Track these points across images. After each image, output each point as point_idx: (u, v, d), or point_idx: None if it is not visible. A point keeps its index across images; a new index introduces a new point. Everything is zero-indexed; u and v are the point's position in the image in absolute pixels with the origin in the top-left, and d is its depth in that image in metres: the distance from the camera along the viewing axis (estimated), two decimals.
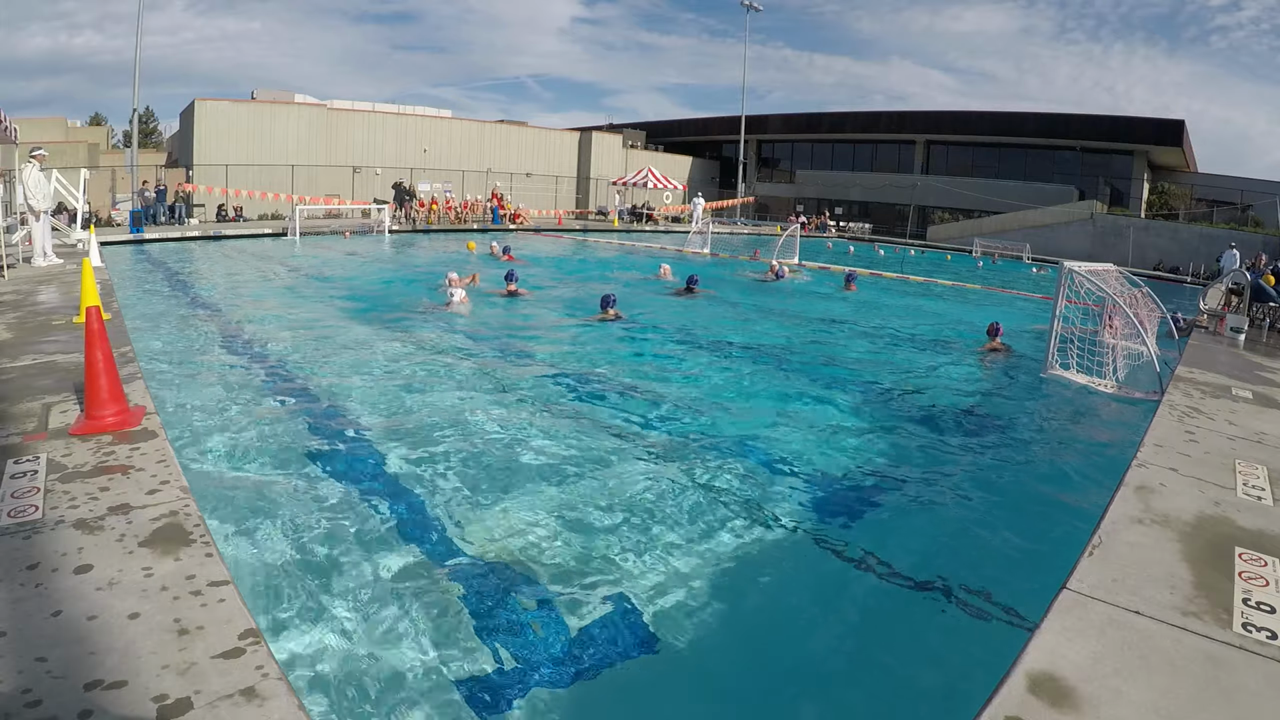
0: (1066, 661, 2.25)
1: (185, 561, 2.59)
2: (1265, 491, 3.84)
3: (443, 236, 24.82)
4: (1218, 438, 4.78)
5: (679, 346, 9.26)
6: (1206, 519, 3.42)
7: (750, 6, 37.54)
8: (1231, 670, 2.26)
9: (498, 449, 5.23)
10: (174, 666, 2.04)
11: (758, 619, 3.45)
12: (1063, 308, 7.89)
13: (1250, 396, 6.15)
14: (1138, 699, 2.10)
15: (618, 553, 3.83)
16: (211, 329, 9.05)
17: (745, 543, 4.03)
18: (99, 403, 3.92)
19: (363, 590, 3.36)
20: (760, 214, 43.24)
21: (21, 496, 3.05)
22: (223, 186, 25.04)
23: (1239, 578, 2.87)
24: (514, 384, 7.02)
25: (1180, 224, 31.79)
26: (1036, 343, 9.61)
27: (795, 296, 14.65)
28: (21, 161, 12.70)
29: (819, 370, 8.36)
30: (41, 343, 5.93)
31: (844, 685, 3.05)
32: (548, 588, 3.49)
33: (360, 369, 7.30)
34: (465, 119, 36.24)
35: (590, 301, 11.10)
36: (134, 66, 22.16)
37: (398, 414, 5.93)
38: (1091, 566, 2.88)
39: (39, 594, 2.36)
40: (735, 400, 6.97)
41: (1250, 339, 9.68)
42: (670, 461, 5.17)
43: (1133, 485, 3.78)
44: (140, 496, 3.10)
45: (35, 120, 27.76)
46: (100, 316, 4.12)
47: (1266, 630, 2.50)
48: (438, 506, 4.29)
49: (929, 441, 6.04)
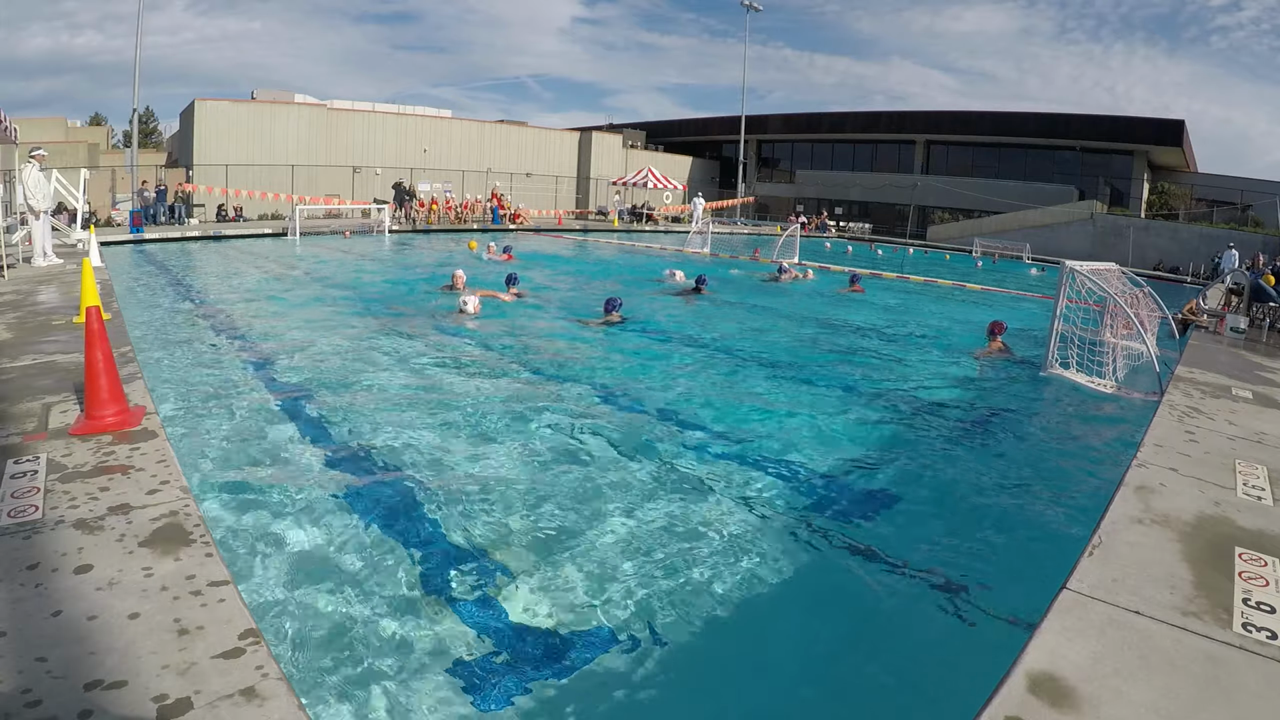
0: (1066, 661, 2.25)
1: (185, 561, 2.59)
2: (1265, 491, 3.84)
3: (443, 236, 24.82)
4: (1218, 438, 4.78)
5: (686, 349, 9.21)
6: (1206, 519, 3.42)
7: (750, 6, 37.55)
8: (1231, 670, 2.26)
9: (497, 449, 5.22)
10: (174, 666, 2.04)
11: (757, 618, 3.45)
12: (1063, 307, 7.89)
13: (1250, 396, 6.15)
14: (1138, 699, 2.10)
15: (619, 553, 3.83)
16: (211, 329, 9.05)
17: (744, 542, 4.03)
18: (99, 403, 3.92)
19: (363, 590, 3.36)
20: (760, 214, 43.24)
21: (21, 496, 3.05)
22: (223, 186, 25.04)
23: (1239, 578, 2.87)
24: (514, 384, 7.02)
25: (1180, 224, 31.79)
26: (1036, 343, 9.61)
27: (801, 297, 14.60)
28: (21, 162, 12.73)
29: (819, 370, 8.36)
30: (41, 343, 5.93)
31: (843, 685, 3.05)
32: (548, 588, 3.49)
33: (360, 369, 7.30)
34: (465, 119, 36.27)
35: (593, 303, 11.08)
36: (134, 66, 22.20)
37: (398, 414, 5.93)
38: (1091, 566, 2.88)
39: (39, 594, 2.36)
40: (734, 401, 6.97)
41: (1250, 339, 9.68)
42: (670, 461, 5.17)
43: (1133, 485, 3.78)
44: (140, 496, 3.10)
45: (35, 120, 27.77)
46: (100, 316, 4.12)
47: (1266, 630, 2.50)
48: (438, 505, 4.29)
49: (929, 440, 6.04)
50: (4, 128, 11.74)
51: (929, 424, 6.49)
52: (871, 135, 42.74)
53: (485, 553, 3.79)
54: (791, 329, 11.03)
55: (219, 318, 9.80)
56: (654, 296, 13.20)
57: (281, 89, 32.93)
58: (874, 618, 3.49)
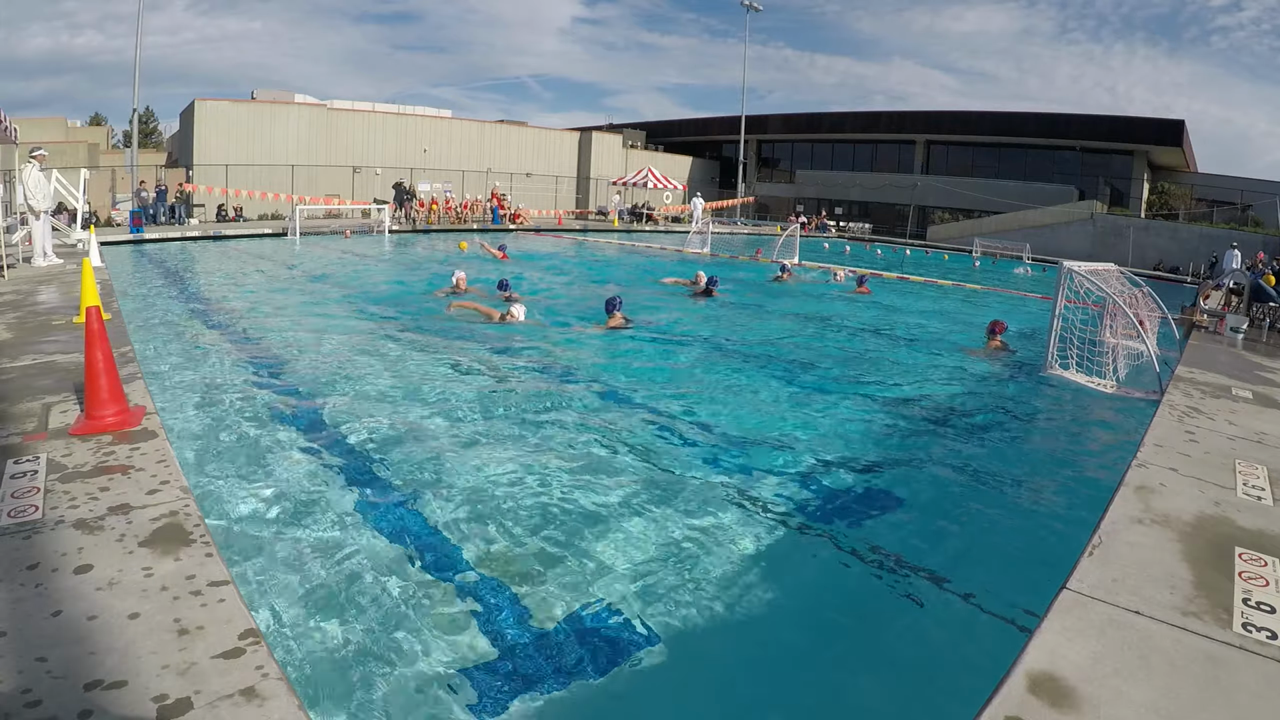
0: (1066, 661, 2.25)
1: (185, 561, 2.59)
2: (1265, 491, 3.84)
3: (443, 237, 24.83)
4: (1218, 438, 4.78)
5: (699, 351, 9.14)
6: (1206, 519, 3.42)
7: (750, 6, 37.54)
8: (1232, 670, 2.26)
9: (499, 450, 5.22)
10: (174, 666, 2.04)
11: (756, 617, 3.44)
12: (1062, 307, 7.89)
13: (1250, 396, 6.15)
14: (1138, 699, 2.10)
15: (620, 555, 3.83)
16: (211, 329, 9.05)
17: (743, 540, 4.03)
18: (99, 403, 3.92)
19: (363, 589, 3.36)
20: (760, 214, 43.23)
21: (21, 496, 3.05)
22: (223, 186, 25.04)
23: (1239, 578, 2.87)
24: (514, 383, 7.02)
25: (1180, 224, 31.79)
26: (1035, 343, 9.61)
27: (808, 299, 14.53)
28: (21, 162, 12.77)
29: (820, 370, 8.35)
30: (41, 343, 5.93)
31: (843, 685, 3.05)
32: (550, 589, 3.49)
33: (361, 369, 7.29)
34: (465, 119, 36.26)
35: (595, 304, 11.05)
36: (134, 66, 22.20)
37: (398, 414, 5.93)
38: (1091, 566, 2.88)
39: (39, 594, 2.36)
40: (734, 401, 6.97)
41: (1250, 339, 9.68)
42: (671, 461, 5.17)
43: (1133, 485, 3.78)
44: (140, 496, 3.10)
45: (35, 120, 27.78)
46: (100, 316, 4.12)
47: (1266, 630, 2.50)
48: (440, 506, 4.29)
49: (928, 440, 6.04)
50: (4, 128, 11.75)
51: (929, 424, 6.49)
52: (871, 135, 42.73)
53: (487, 554, 3.79)
54: (793, 329, 11.03)
55: (219, 318, 9.80)
56: (662, 298, 13.17)
57: (282, 89, 32.97)
58: (873, 617, 3.49)
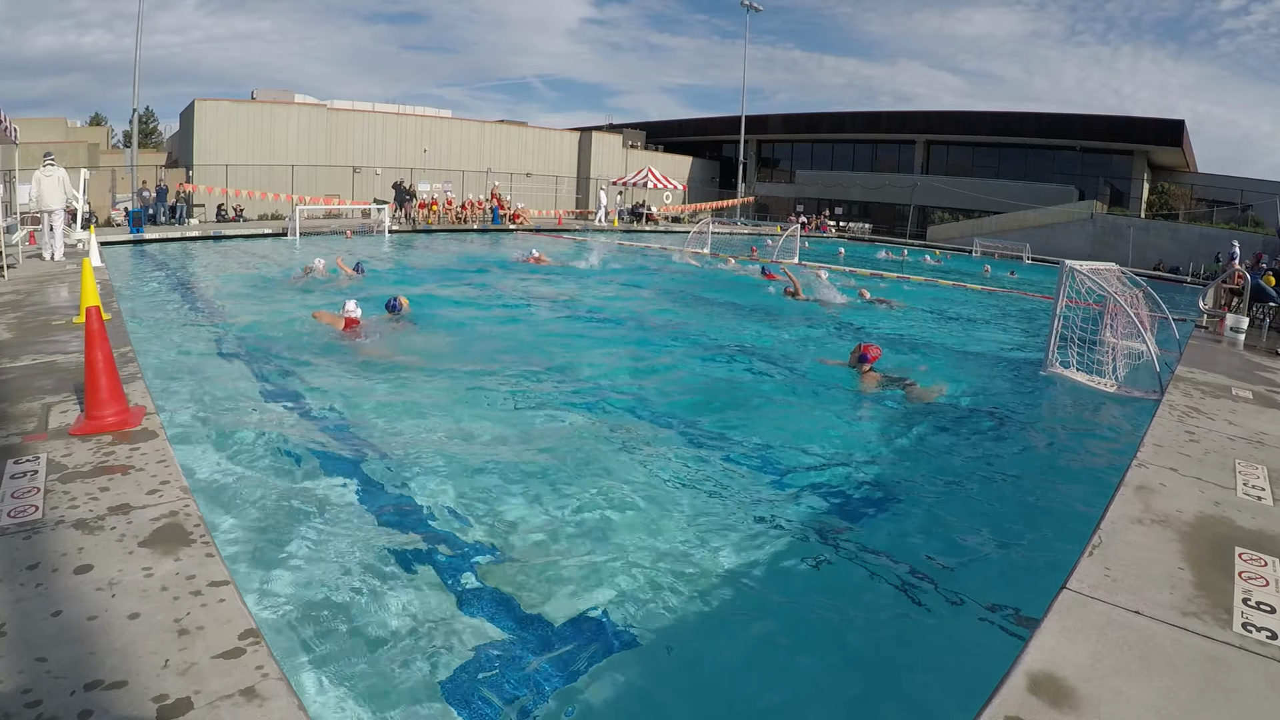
0: (1066, 661, 2.25)
1: (185, 561, 2.59)
2: (1265, 491, 3.84)
3: (443, 237, 24.82)
4: (1218, 438, 4.78)
5: (699, 351, 9.21)
6: (1206, 519, 3.42)
7: (750, 6, 37.52)
8: (1232, 670, 2.26)
9: (500, 451, 5.22)
10: (174, 666, 2.04)
11: (755, 618, 3.44)
12: (1062, 306, 7.88)
13: (1250, 396, 6.15)
14: (1138, 699, 2.10)
15: (620, 555, 3.83)
16: (211, 329, 9.04)
17: (743, 542, 4.03)
18: (99, 403, 3.92)
19: (363, 589, 3.36)
20: (760, 214, 43.21)
21: (21, 496, 3.05)
22: (223, 186, 25.01)
23: (1239, 578, 2.87)
24: (506, 382, 7.02)
25: (1180, 224, 31.80)
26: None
27: (808, 301, 14.48)
28: (24, 164, 13.09)
29: (820, 370, 8.35)
30: (41, 343, 5.92)
31: (842, 685, 3.05)
32: (550, 589, 3.49)
33: (360, 369, 7.29)
34: (465, 119, 36.23)
35: (597, 308, 11.05)
36: (134, 66, 22.20)
37: (399, 414, 5.93)
38: (1091, 566, 2.87)
39: (39, 594, 2.36)
40: (733, 400, 6.97)
41: (1250, 339, 9.67)
42: (668, 461, 5.17)
43: (1133, 485, 3.78)
44: (140, 496, 3.10)
45: (35, 120, 27.74)
46: (100, 316, 4.12)
47: (1266, 630, 2.49)
48: (440, 506, 4.29)
49: (928, 440, 6.04)
50: (4, 128, 11.76)
51: (929, 423, 6.49)
52: (871, 135, 42.71)
53: (487, 554, 3.79)
54: (796, 329, 11.02)
55: (219, 317, 9.80)
56: (679, 305, 13.10)
57: (288, 89, 32.91)
58: (872, 617, 3.48)
